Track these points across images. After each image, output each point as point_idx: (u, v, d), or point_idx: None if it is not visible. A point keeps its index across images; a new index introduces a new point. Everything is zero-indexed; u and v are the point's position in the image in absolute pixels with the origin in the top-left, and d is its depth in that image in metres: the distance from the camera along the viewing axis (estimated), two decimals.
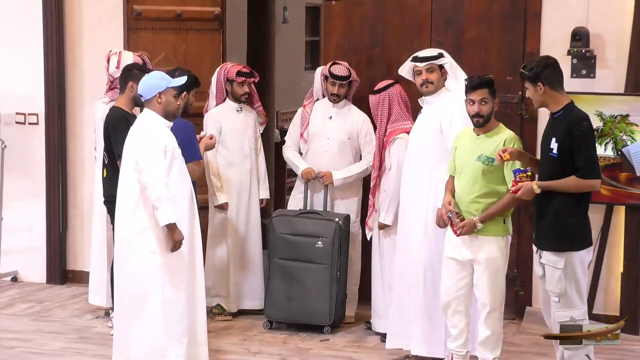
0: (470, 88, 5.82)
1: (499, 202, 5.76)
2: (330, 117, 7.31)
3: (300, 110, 7.44)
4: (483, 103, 5.79)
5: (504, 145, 5.72)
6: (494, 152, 5.71)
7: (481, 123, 5.81)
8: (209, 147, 6.82)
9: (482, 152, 5.78)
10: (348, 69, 7.22)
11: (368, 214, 6.99)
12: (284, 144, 7.61)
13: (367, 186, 7.25)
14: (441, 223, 6.02)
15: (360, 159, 7.31)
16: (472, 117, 5.84)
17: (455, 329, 5.99)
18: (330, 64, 7.25)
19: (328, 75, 7.21)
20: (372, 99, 6.84)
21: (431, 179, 6.30)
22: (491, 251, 5.81)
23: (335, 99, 7.26)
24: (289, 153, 7.44)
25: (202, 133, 6.91)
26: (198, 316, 6.06)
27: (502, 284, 5.88)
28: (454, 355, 6.01)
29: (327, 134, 7.30)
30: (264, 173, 7.64)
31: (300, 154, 7.40)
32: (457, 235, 5.82)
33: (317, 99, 7.40)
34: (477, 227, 5.75)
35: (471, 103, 5.82)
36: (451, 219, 5.83)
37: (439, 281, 6.11)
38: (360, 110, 7.32)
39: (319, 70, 7.36)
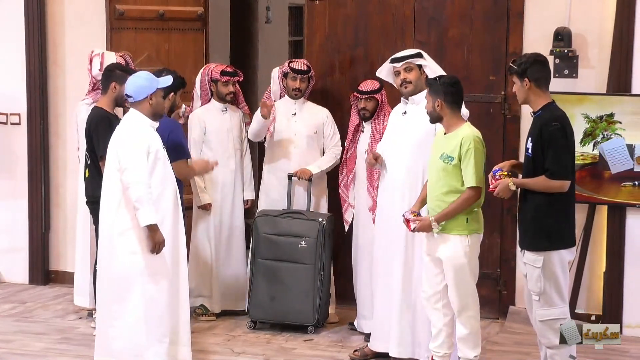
0: None
1: (454, 202, 5.74)
2: (294, 114, 7.34)
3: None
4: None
5: (460, 144, 5.72)
6: (454, 150, 5.73)
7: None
8: (202, 170, 6.79)
9: (444, 150, 5.80)
10: (307, 64, 7.32)
11: (343, 209, 7.07)
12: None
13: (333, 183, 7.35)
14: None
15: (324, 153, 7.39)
16: None
17: (434, 328, 5.97)
18: (288, 61, 7.34)
19: (288, 71, 7.28)
20: (378, 96, 6.87)
21: (424, 179, 6.24)
22: (453, 249, 5.77)
23: (297, 93, 7.31)
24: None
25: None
26: (181, 316, 6.05)
27: (470, 282, 5.81)
28: (434, 356, 6.00)
29: (294, 130, 7.33)
30: (249, 174, 7.64)
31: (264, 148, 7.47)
32: (411, 231, 5.86)
33: (275, 100, 7.43)
34: (432, 226, 5.75)
35: None
36: (405, 216, 5.87)
37: (415, 283, 6.16)
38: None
39: (275, 70, 7.42)
